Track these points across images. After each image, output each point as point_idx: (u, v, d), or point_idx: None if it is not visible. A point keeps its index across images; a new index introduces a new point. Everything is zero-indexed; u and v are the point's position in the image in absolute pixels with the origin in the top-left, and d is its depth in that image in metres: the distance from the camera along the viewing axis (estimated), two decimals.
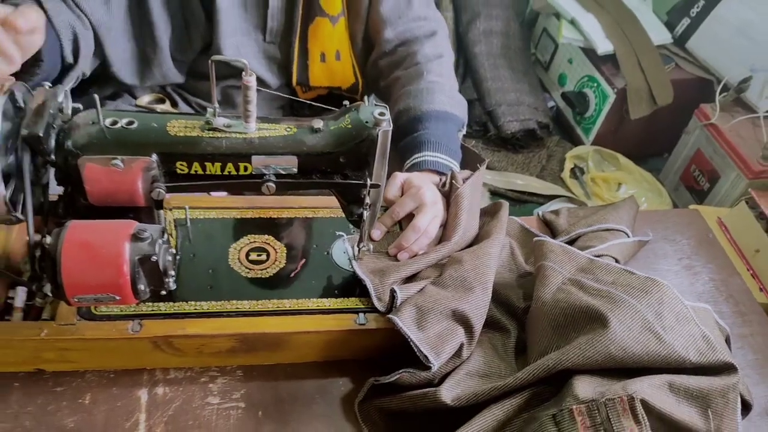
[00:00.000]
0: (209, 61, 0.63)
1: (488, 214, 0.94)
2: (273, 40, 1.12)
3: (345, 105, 0.73)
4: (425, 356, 0.71)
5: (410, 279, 0.82)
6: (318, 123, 0.70)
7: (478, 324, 0.76)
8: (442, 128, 1.03)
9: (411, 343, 0.72)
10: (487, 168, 1.49)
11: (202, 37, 1.07)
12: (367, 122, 0.69)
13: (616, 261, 0.89)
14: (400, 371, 0.73)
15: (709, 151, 1.63)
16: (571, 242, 0.94)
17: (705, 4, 1.71)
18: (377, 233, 0.88)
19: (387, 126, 0.69)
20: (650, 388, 0.67)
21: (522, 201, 1.55)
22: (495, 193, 1.01)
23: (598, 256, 0.88)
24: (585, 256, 0.86)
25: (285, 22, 1.11)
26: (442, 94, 1.07)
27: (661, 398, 0.67)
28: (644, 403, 0.65)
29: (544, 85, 1.85)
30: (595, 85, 1.72)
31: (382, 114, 0.69)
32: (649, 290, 0.75)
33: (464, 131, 1.10)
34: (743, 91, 1.59)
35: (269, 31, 1.10)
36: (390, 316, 0.74)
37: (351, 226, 0.87)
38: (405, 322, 0.73)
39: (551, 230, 1.00)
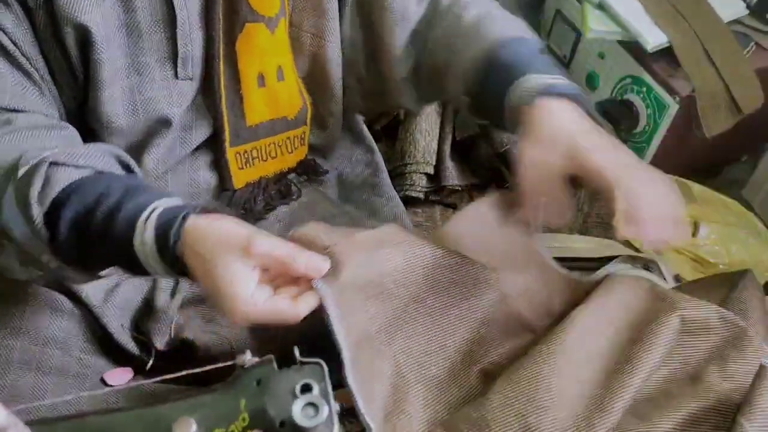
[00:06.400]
0: None
1: None
2: (190, 73, 0.80)
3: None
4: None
5: None
6: None
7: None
8: (525, 50, 0.76)
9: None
10: None
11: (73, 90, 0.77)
12: None
13: None
14: None
15: None
16: None
17: None
18: None
19: None
20: None
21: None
22: None
23: None
24: None
25: (204, 43, 0.80)
26: (495, 23, 0.80)
27: None
28: None
29: None
30: (644, 89, 1.26)
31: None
32: None
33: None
34: None
35: (182, 60, 0.78)
36: None
37: None
38: None
39: None
